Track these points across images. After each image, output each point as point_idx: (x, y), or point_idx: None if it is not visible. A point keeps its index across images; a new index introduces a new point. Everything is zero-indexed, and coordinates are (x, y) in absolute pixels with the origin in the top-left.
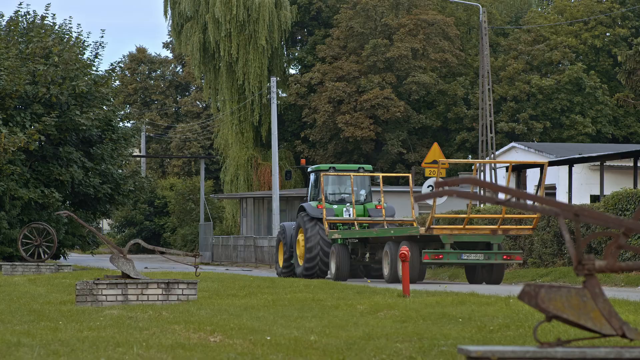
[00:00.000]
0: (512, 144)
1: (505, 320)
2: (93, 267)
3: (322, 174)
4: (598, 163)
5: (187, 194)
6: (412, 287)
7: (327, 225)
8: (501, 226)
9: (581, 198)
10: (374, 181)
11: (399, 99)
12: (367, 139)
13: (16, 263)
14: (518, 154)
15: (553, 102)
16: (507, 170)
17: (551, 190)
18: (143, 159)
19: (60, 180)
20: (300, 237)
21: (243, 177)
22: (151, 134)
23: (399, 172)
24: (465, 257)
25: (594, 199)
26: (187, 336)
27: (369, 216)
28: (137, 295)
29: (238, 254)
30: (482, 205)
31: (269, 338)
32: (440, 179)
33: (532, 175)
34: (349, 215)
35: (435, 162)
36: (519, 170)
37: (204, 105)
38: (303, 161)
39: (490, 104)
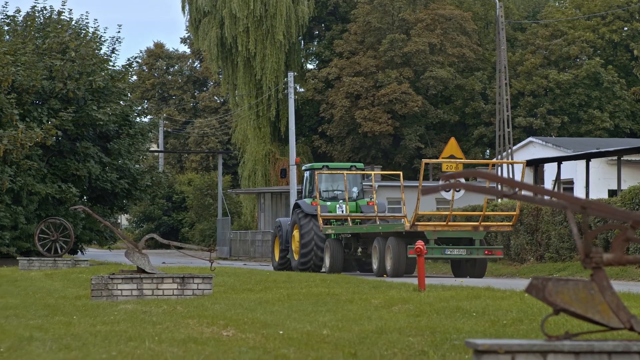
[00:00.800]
0: (530, 138)
1: (519, 314)
2: (110, 262)
3: (316, 172)
4: (615, 158)
5: (205, 189)
6: (414, 280)
7: (321, 221)
8: (482, 223)
9: (599, 193)
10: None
11: (417, 94)
12: (385, 133)
13: (33, 258)
14: (535, 148)
15: (571, 96)
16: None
17: (569, 185)
18: (161, 154)
19: (78, 175)
20: (296, 232)
21: (261, 172)
22: (169, 129)
23: (394, 171)
24: (449, 252)
25: (612, 193)
26: (200, 330)
27: (361, 212)
28: (152, 289)
29: (256, 249)
30: (499, 201)
31: (281, 332)
32: (448, 172)
33: (550, 170)
34: (342, 211)
35: (452, 157)
36: (536, 165)
37: (222, 100)
38: (297, 160)
39: (507, 99)
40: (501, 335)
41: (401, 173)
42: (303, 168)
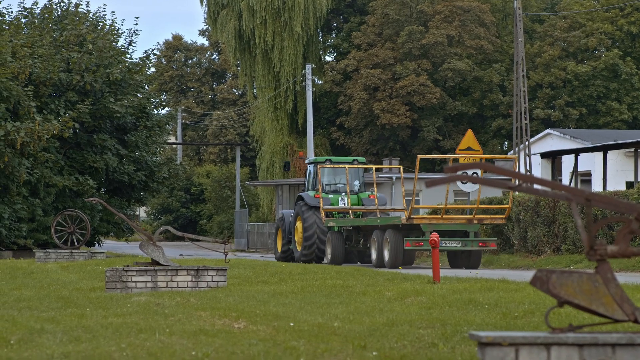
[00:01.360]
0: (547, 130)
1: (530, 307)
2: (127, 255)
3: (319, 165)
4: (633, 150)
5: (223, 181)
6: (422, 271)
7: (323, 214)
8: (476, 216)
9: (616, 184)
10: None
11: (435, 86)
12: (403, 125)
13: (49, 250)
14: (553, 140)
15: (589, 88)
16: (541, 158)
17: (586, 177)
18: (179, 147)
19: (95, 167)
20: (299, 224)
21: (278, 164)
22: (187, 122)
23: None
24: (444, 244)
25: (629, 185)
26: (212, 322)
27: (363, 205)
28: (166, 282)
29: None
30: (517, 193)
31: (292, 324)
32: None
33: (568, 162)
34: (344, 204)
35: (469, 149)
36: (553, 157)
37: (240, 92)
38: (301, 153)
39: (524, 91)
40: (512, 327)
41: (401, 167)
42: (306, 162)
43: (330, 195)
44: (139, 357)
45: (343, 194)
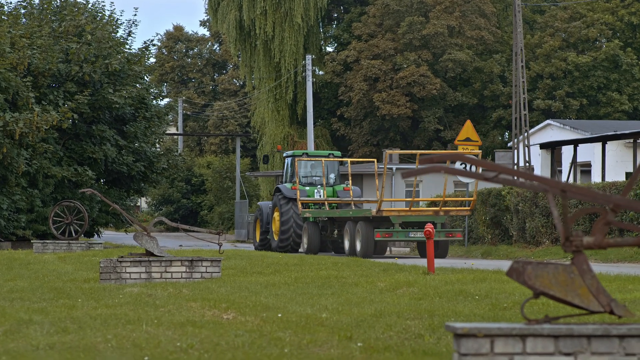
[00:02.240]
0: (547, 121)
1: (520, 298)
2: (125, 245)
3: (296, 159)
4: (632, 140)
5: (224, 172)
6: (412, 262)
7: (300, 205)
8: (443, 208)
9: (616, 175)
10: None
11: (435, 77)
12: (404, 116)
13: (47, 241)
14: (553, 131)
15: (589, 79)
16: (540, 148)
17: (586, 167)
18: (180, 137)
19: (94, 158)
20: (276, 215)
21: (279, 155)
22: (188, 112)
23: (367, 158)
24: (412, 235)
25: (629, 176)
26: (201, 313)
27: (338, 197)
28: (160, 272)
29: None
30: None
31: (280, 315)
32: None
33: (568, 153)
34: (320, 196)
35: (468, 139)
36: (552, 148)
37: (241, 83)
38: (279, 147)
39: (523, 81)
40: (499, 318)
41: (375, 160)
42: (284, 155)
43: (307, 188)
44: (123, 348)
45: (319, 186)
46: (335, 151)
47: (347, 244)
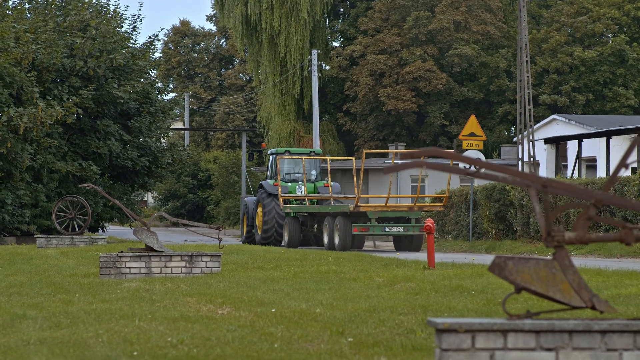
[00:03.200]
0: (553, 116)
1: (517, 293)
2: (130, 240)
3: (278, 156)
4: (637, 135)
5: (231, 167)
6: (414, 256)
7: (281, 201)
8: (417, 204)
9: (622, 170)
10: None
11: (441, 72)
12: (409, 111)
13: (51, 236)
14: (559, 126)
15: (595, 74)
16: (545, 143)
17: (592, 162)
18: (186, 132)
19: (98, 153)
20: (259, 210)
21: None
22: (195, 107)
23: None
24: (388, 230)
25: (634, 171)
26: (197, 308)
27: (318, 193)
28: (160, 267)
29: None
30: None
31: (274, 310)
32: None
33: (573, 148)
34: (301, 192)
35: (472, 134)
36: (557, 143)
37: (248, 78)
38: (264, 145)
39: (528, 76)
40: (493, 313)
41: (353, 158)
42: (268, 152)
43: (289, 184)
44: (113, 343)
45: (300, 182)
46: (316, 149)
47: (326, 238)
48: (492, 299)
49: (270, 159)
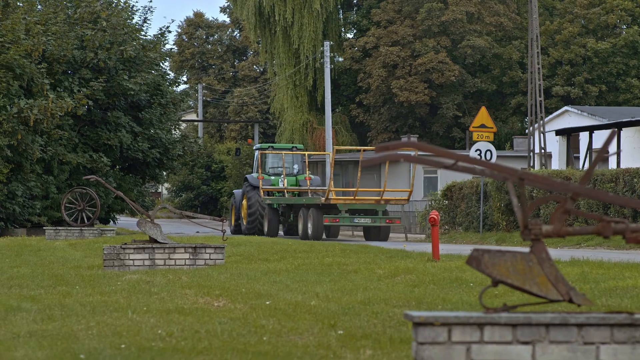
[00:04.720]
0: (565, 107)
1: None
2: (139, 232)
3: (260, 151)
4: None
5: (244, 159)
6: (421, 248)
7: (262, 193)
8: (383, 197)
9: (634, 162)
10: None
11: (454, 63)
12: (422, 103)
13: (59, 228)
14: (571, 117)
15: (609, 65)
16: (556, 134)
17: (604, 154)
18: (200, 124)
19: (109, 144)
20: (244, 202)
21: (298, 141)
22: (209, 99)
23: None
24: (357, 221)
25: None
26: (193, 300)
27: (299, 186)
28: (164, 259)
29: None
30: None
31: (268, 303)
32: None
33: (585, 140)
34: (283, 185)
35: (483, 126)
36: (568, 134)
37: (261, 69)
38: (250, 140)
39: (539, 67)
40: (487, 305)
41: (330, 153)
42: (254, 148)
43: (272, 177)
44: (103, 336)
45: (282, 175)
46: (298, 144)
47: (300, 228)
48: (488, 291)
49: (256, 153)
